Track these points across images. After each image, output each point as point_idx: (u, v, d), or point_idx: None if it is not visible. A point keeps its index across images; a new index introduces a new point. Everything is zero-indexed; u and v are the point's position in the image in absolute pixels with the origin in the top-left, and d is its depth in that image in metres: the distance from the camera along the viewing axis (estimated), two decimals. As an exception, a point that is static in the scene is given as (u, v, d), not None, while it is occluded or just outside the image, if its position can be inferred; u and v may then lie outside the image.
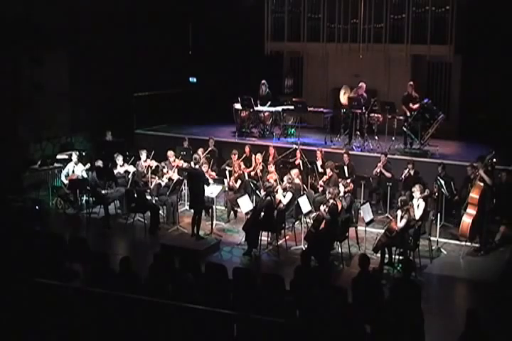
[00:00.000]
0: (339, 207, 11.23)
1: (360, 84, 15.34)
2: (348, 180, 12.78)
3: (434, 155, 14.27)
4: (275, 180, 12.67)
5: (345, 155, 13.63)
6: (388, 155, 13.81)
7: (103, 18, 16.30)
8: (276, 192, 11.92)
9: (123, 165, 13.90)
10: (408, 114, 14.56)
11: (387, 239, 10.82)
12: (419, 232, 10.98)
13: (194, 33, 19.44)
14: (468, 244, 11.66)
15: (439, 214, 11.93)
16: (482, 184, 11.49)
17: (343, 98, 15.59)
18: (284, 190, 11.96)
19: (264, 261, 11.39)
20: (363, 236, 11.66)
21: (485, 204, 11.46)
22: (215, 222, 12.68)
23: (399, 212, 10.93)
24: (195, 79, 19.81)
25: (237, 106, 16.50)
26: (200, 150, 14.03)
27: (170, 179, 13.27)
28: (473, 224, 11.47)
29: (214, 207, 12.76)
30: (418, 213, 11.01)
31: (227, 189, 13.46)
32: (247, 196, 12.39)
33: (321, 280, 8.81)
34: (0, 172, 13.86)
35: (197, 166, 12.24)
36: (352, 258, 11.26)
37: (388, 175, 13.37)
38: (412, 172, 13.05)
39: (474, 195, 11.51)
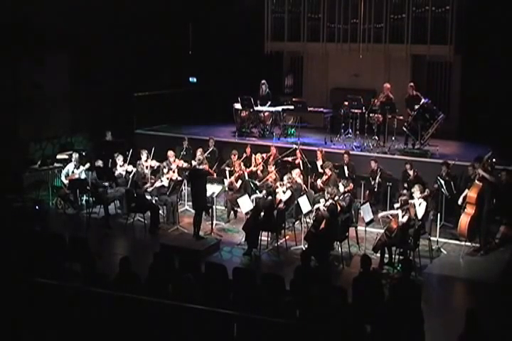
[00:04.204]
0: (339, 207, 11.23)
1: (385, 85, 15.29)
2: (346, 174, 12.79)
3: (434, 155, 14.26)
4: (274, 179, 12.67)
5: (345, 155, 13.63)
6: (388, 155, 13.82)
7: (103, 18, 16.29)
8: (276, 190, 11.92)
9: (123, 165, 13.90)
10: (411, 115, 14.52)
11: (387, 239, 10.82)
12: (419, 232, 10.97)
13: (194, 32, 19.43)
14: (468, 244, 11.67)
15: (439, 214, 11.93)
16: (480, 183, 11.50)
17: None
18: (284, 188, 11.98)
19: (264, 261, 11.38)
20: (363, 236, 11.67)
21: (483, 203, 11.47)
22: (215, 222, 12.68)
23: (399, 209, 10.94)
24: (195, 79, 19.80)
25: (237, 106, 16.49)
26: (199, 150, 14.03)
27: (170, 179, 13.27)
28: (472, 223, 11.49)
29: (214, 207, 12.76)
30: (420, 211, 11.00)
31: (227, 189, 13.46)
32: (247, 196, 12.39)
33: (321, 280, 8.80)
34: (0, 172, 13.84)
35: (200, 166, 12.24)
36: (352, 258, 11.27)
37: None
38: (411, 172, 13.04)
39: (472, 194, 11.54)
